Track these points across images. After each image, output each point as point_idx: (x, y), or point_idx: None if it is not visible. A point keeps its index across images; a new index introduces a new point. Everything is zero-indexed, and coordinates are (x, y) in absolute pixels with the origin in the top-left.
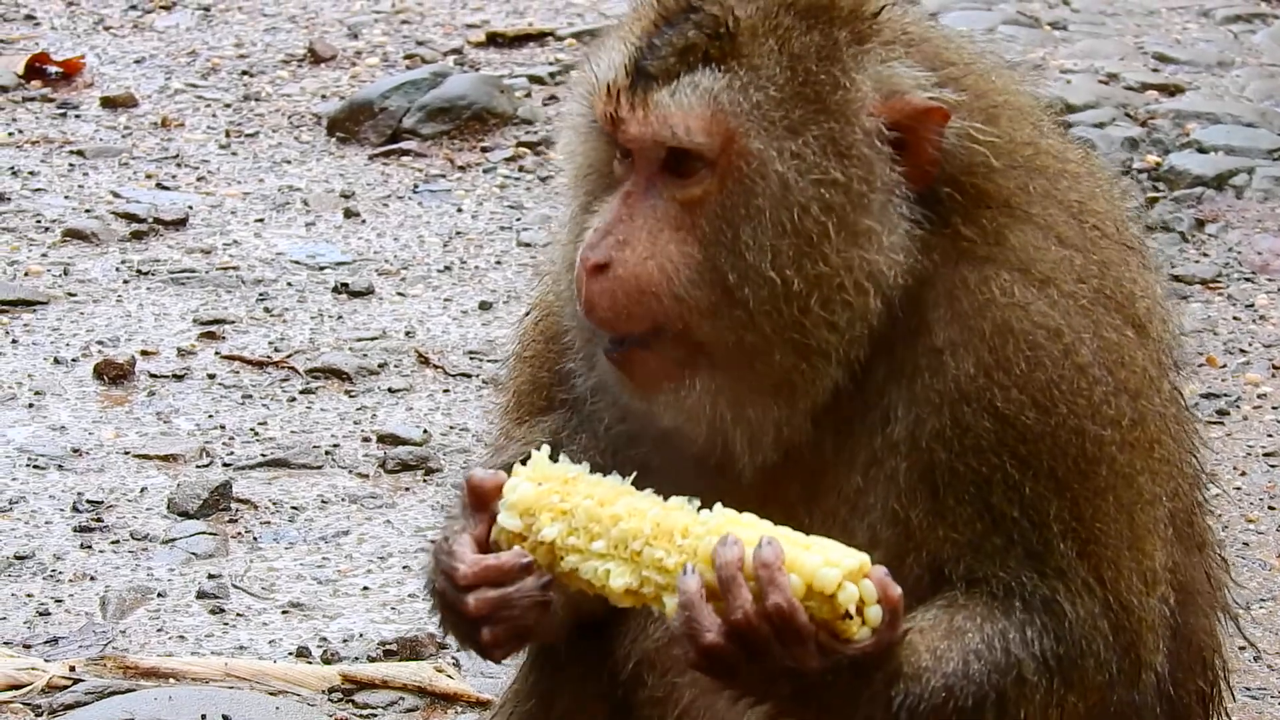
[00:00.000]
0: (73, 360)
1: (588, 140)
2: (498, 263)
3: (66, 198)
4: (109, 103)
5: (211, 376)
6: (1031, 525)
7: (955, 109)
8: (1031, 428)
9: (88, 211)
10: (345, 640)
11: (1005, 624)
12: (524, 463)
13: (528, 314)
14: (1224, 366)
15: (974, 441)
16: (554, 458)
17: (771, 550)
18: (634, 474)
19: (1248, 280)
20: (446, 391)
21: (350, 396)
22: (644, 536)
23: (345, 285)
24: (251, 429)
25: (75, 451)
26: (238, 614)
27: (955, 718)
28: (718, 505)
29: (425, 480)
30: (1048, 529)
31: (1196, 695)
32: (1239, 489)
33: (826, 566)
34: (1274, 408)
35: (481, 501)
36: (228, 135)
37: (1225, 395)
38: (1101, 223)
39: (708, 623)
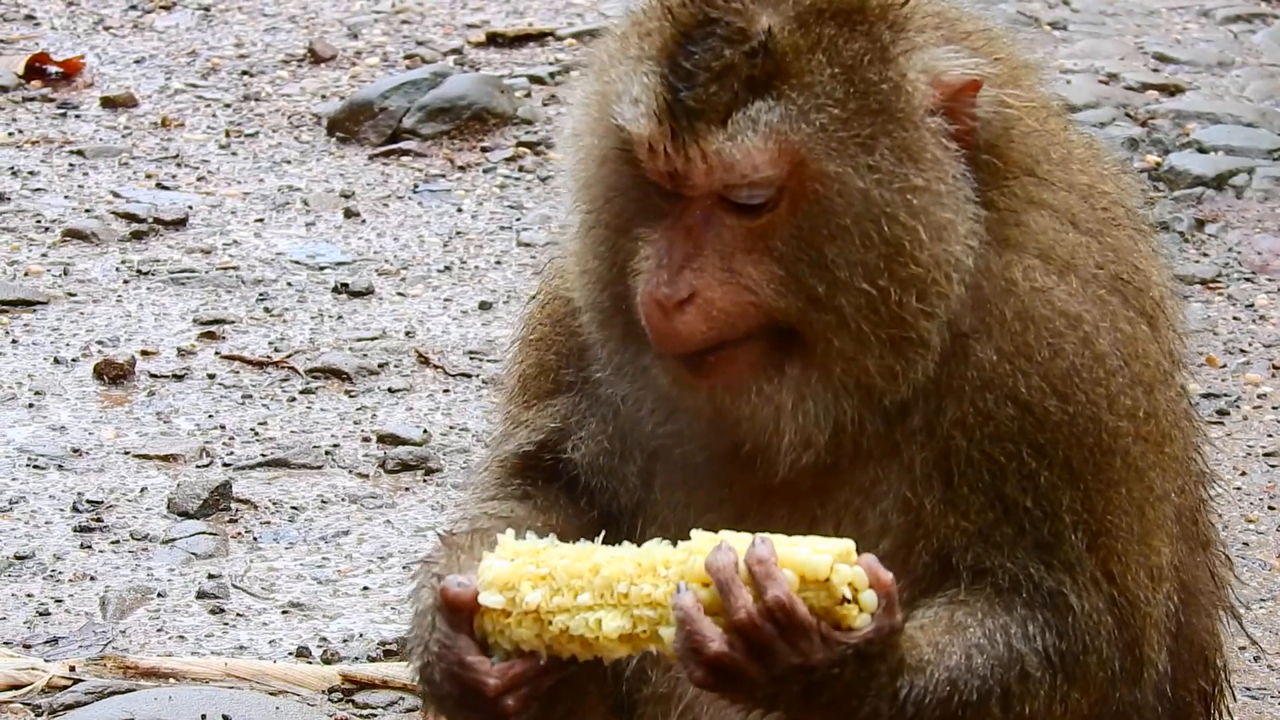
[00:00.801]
0: (73, 360)
1: (609, 167)
2: (498, 263)
3: (66, 198)
4: (109, 103)
5: (211, 376)
6: (1043, 515)
7: (988, 79)
8: (1051, 415)
9: (88, 211)
10: (345, 640)
11: (1006, 619)
12: (492, 547)
13: (533, 299)
14: (1224, 366)
15: (994, 429)
16: (520, 536)
17: (765, 547)
18: (603, 533)
19: (1248, 280)
20: (446, 391)
21: (350, 396)
22: (628, 577)
23: (345, 285)
24: (251, 429)
25: (75, 451)
26: (238, 614)
27: (961, 711)
28: (694, 532)
29: (425, 480)
30: (1059, 520)
31: (1198, 694)
32: (1239, 489)
33: (816, 554)
34: (1274, 408)
35: (460, 611)
36: (228, 135)
37: (1225, 395)
38: (1111, 205)
39: (710, 633)
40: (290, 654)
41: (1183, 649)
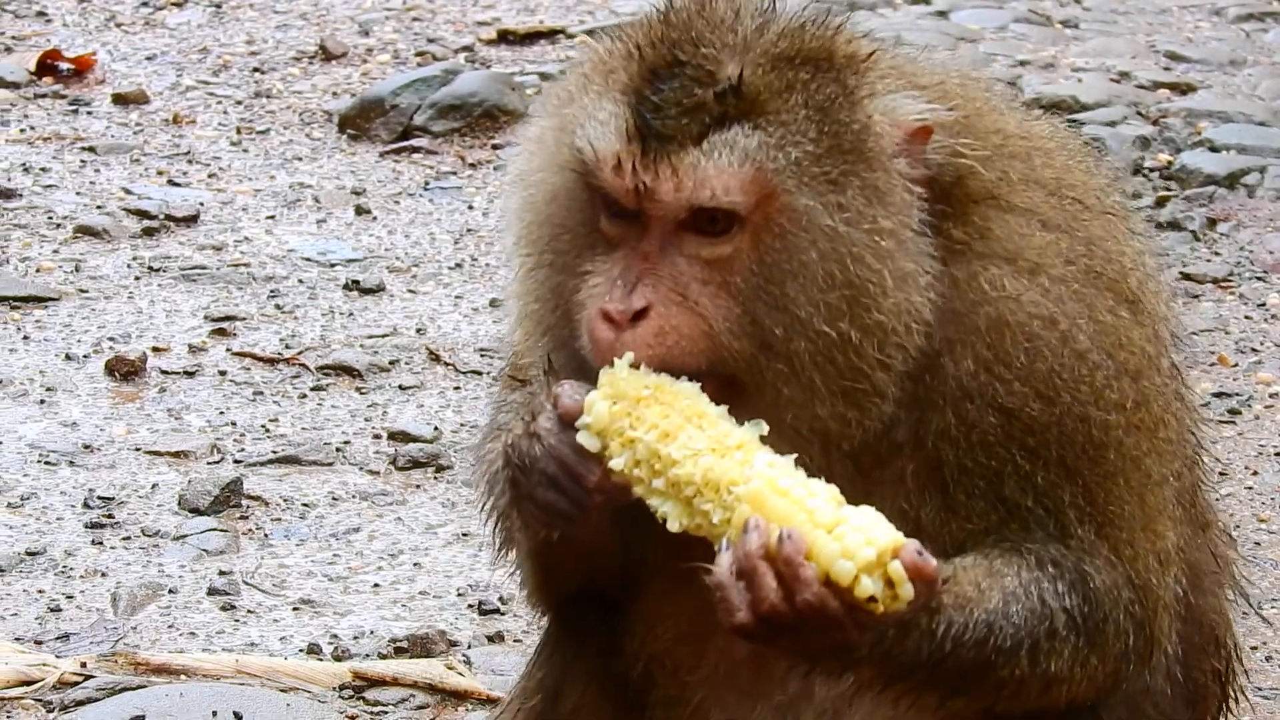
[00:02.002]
0: (84, 357)
1: (559, 202)
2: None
3: (78, 194)
4: (120, 99)
5: (223, 373)
6: (1046, 513)
7: (942, 126)
8: (1037, 419)
9: (99, 208)
10: (356, 637)
11: (1039, 574)
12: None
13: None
14: (1236, 366)
15: (980, 437)
16: (636, 365)
17: (791, 545)
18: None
19: (1259, 279)
20: (457, 389)
21: (361, 393)
22: (695, 485)
23: (356, 282)
24: (262, 426)
25: (86, 448)
26: (248, 610)
27: (994, 656)
28: (760, 455)
29: (436, 477)
30: (1063, 515)
31: (1212, 674)
32: (1250, 488)
33: (843, 559)
34: None
35: (570, 419)
36: (239, 132)
37: (1237, 395)
38: (1081, 195)
39: (738, 602)
40: (301, 651)
41: (1193, 631)
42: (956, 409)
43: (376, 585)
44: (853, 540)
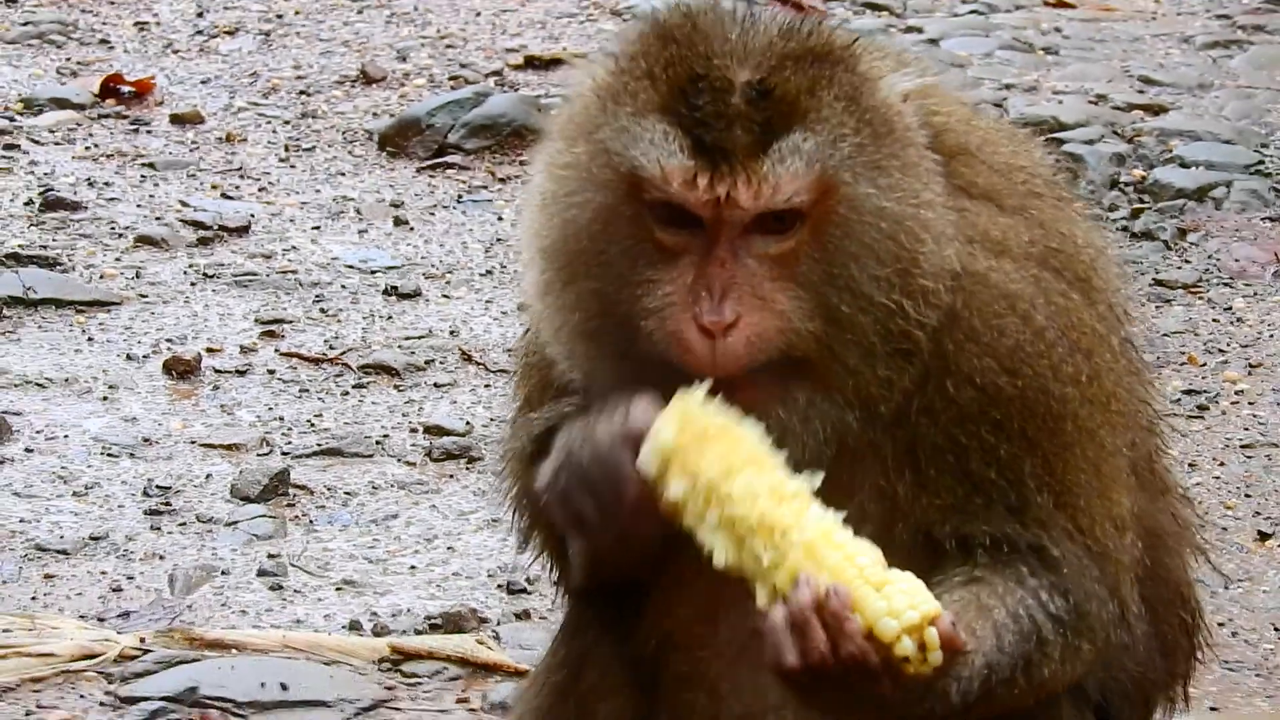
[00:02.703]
0: (144, 357)
1: (602, 219)
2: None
3: (138, 207)
4: (177, 120)
5: (271, 372)
6: (1008, 484)
7: (914, 93)
8: (1004, 392)
9: (158, 219)
10: (394, 615)
11: (1023, 592)
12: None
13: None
14: (1204, 365)
15: (956, 412)
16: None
17: (838, 600)
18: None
19: (1226, 285)
20: (488, 386)
21: (399, 391)
22: (748, 528)
23: (395, 288)
24: (308, 420)
25: (146, 441)
26: (295, 590)
27: (996, 688)
28: (814, 509)
29: (468, 468)
30: (1024, 486)
31: (1180, 627)
32: (1218, 479)
33: (888, 617)
34: (1250, 403)
35: (633, 437)
36: (287, 150)
37: (1205, 392)
38: (1029, 179)
39: (788, 647)
40: (343, 627)
41: (1160, 588)
42: (938, 384)
43: (413, 567)
44: (899, 602)
